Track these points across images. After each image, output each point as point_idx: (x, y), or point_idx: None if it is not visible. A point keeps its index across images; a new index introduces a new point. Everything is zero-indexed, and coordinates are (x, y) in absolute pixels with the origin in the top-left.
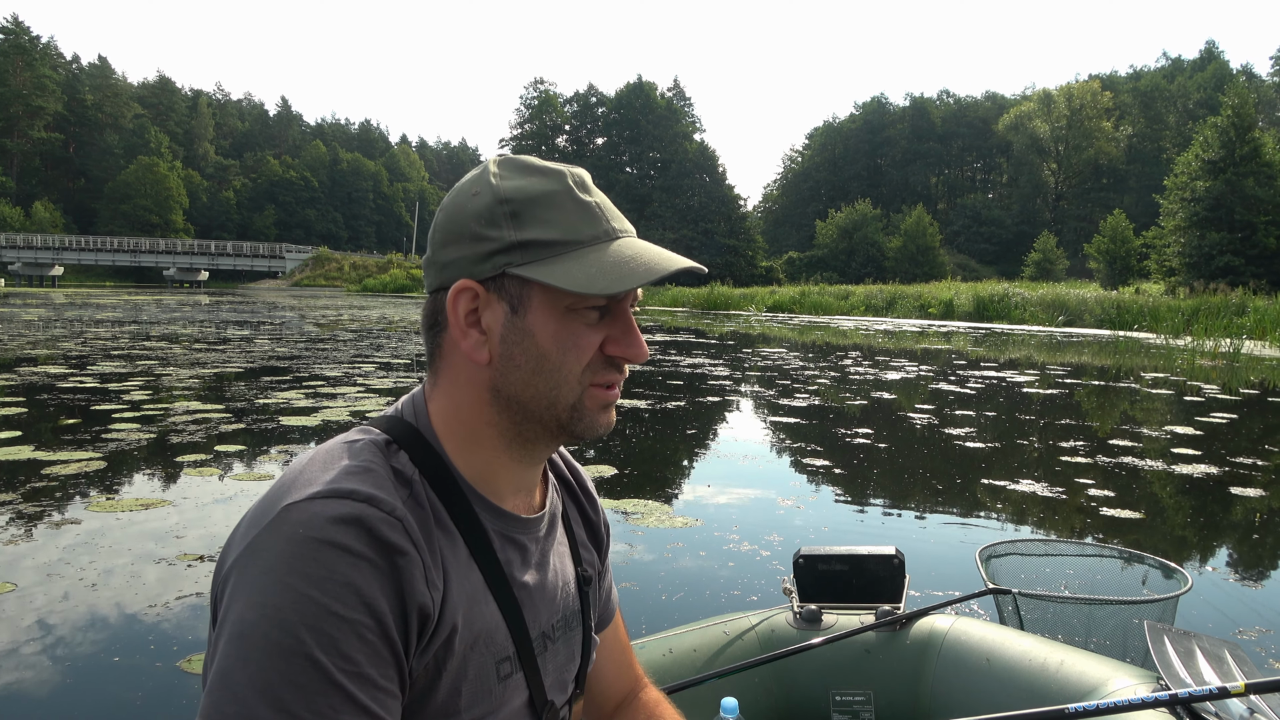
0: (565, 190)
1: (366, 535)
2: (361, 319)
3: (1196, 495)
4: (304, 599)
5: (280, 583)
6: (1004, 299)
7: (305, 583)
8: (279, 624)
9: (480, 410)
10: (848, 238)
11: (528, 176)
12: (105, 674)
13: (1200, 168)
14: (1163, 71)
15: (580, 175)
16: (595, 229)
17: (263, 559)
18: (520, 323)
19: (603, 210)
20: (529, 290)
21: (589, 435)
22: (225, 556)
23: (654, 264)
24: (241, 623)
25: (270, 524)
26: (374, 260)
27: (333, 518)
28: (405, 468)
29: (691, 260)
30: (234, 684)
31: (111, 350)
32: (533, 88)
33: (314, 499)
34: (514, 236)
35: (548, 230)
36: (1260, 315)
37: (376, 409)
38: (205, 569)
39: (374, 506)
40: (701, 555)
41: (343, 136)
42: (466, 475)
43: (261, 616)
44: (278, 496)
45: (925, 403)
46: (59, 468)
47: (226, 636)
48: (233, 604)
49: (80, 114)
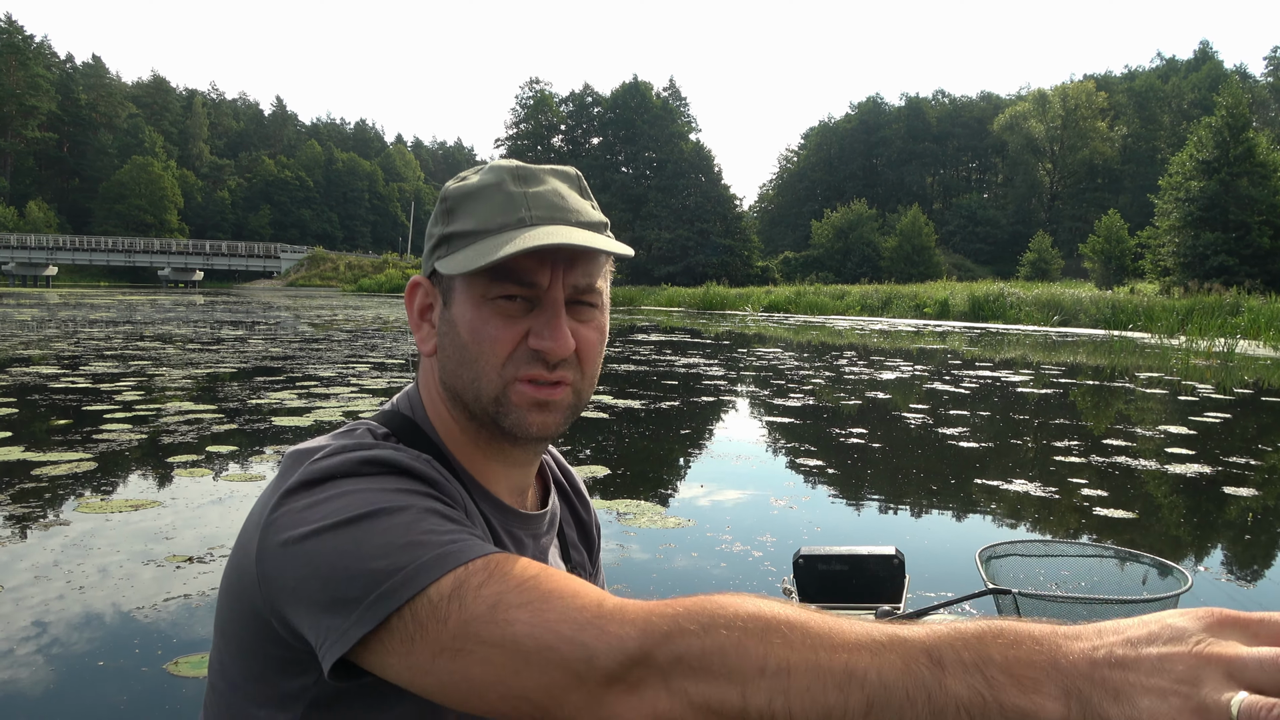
0: (497, 183)
1: (399, 466)
2: (356, 319)
3: (1190, 495)
4: (356, 495)
5: (326, 502)
6: (999, 299)
7: (353, 489)
8: (339, 518)
9: (443, 402)
10: (843, 238)
11: (480, 175)
12: (91, 676)
13: (1195, 168)
14: (1157, 72)
15: (526, 170)
16: (508, 217)
17: (300, 502)
18: (448, 314)
19: (530, 199)
20: (451, 282)
21: (520, 434)
22: (248, 543)
23: (536, 241)
24: (303, 547)
25: (296, 483)
26: (369, 260)
27: (361, 459)
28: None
29: (617, 245)
30: (328, 565)
31: (104, 350)
32: (528, 87)
33: (335, 453)
34: (442, 231)
35: (465, 222)
36: (1254, 315)
37: (370, 409)
38: (195, 570)
39: (398, 451)
40: (694, 556)
41: (338, 136)
42: (467, 468)
43: (320, 526)
44: (289, 469)
45: (920, 402)
46: (49, 468)
47: (300, 570)
48: (285, 556)
49: (74, 113)
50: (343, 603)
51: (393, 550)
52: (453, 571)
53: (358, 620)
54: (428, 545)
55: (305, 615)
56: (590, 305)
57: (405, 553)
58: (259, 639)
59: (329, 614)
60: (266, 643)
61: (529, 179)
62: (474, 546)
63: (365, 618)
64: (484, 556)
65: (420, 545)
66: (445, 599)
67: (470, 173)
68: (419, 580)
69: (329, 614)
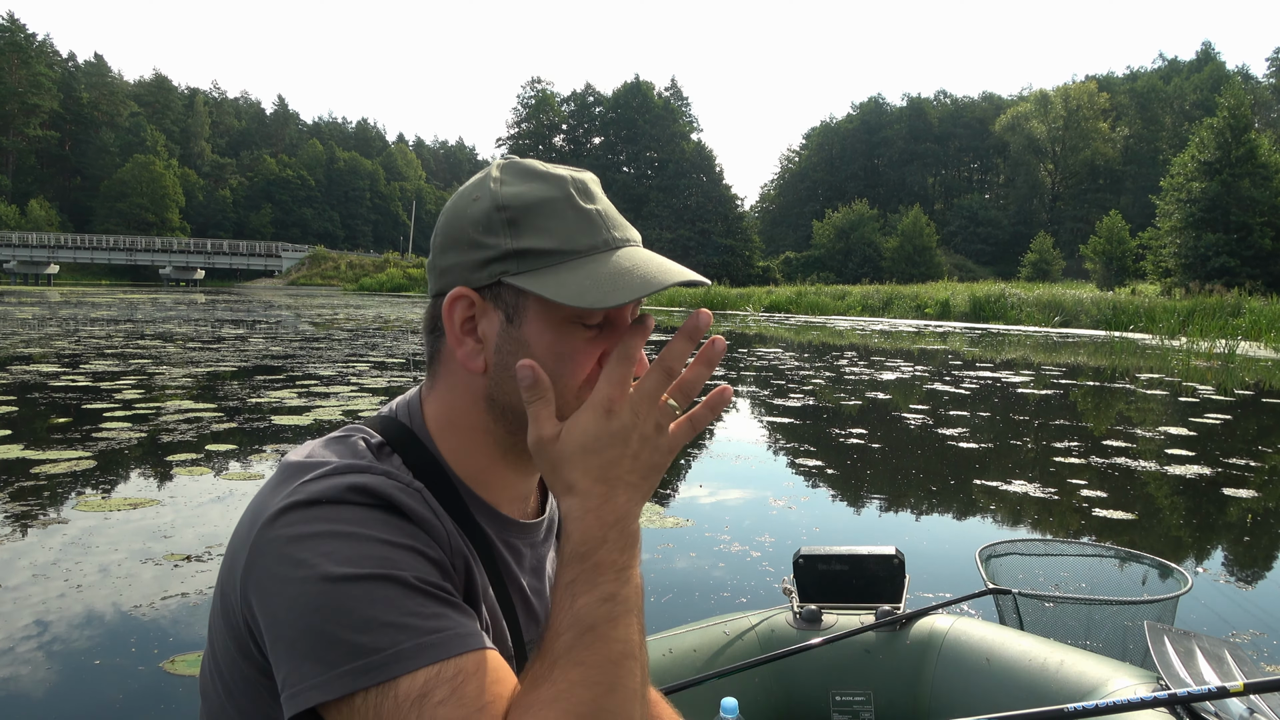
0: (565, 197)
1: (387, 500)
2: (357, 318)
3: (1191, 496)
4: (345, 540)
5: (314, 538)
6: (1000, 299)
7: (342, 529)
8: (329, 569)
9: (476, 417)
10: (845, 238)
11: (528, 182)
12: (89, 675)
13: (1196, 169)
14: (1159, 72)
15: (583, 181)
16: (594, 238)
17: (288, 530)
18: (516, 333)
19: (604, 218)
20: (525, 300)
21: None
22: (234, 562)
23: (651, 276)
24: (286, 589)
25: (283, 506)
26: (371, 259)
27: (350, 486)
28: (399, 471)
29: (693, 271)
30: (313, 632)
31: (105, 349)
32: (530, 87)
33: (326, 475)
34: (510, 245)
35: (545, 239)
36: (1256, 316)
37: (370, 408)
38: (193, 568)
39: (390, 478)
40: (692, 556)
41: (340, 135)
42: (463, 478)
43: (308, 573)
44: (280, 485)
45: (920, 403)
46: (49, 467)
47: (279, 611)
48: (268, 586)
49: (76, 112)
50: (315, 660)
51: (375, 627)
52: (425, 670)
53: (324, 685)
54: (410, 631)
55: (278, 651)
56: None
57: (386, 634)
58: (245, 651)
59: (300, 661)
60: (252, 655)
61: (587, 193)
62: (452, 641)
63: (333, 685)
64: (459, 657)
65: (403, 630)
66: (410, 701)
67: (510, 176)
68: (393, 669)
69: (300, 661)
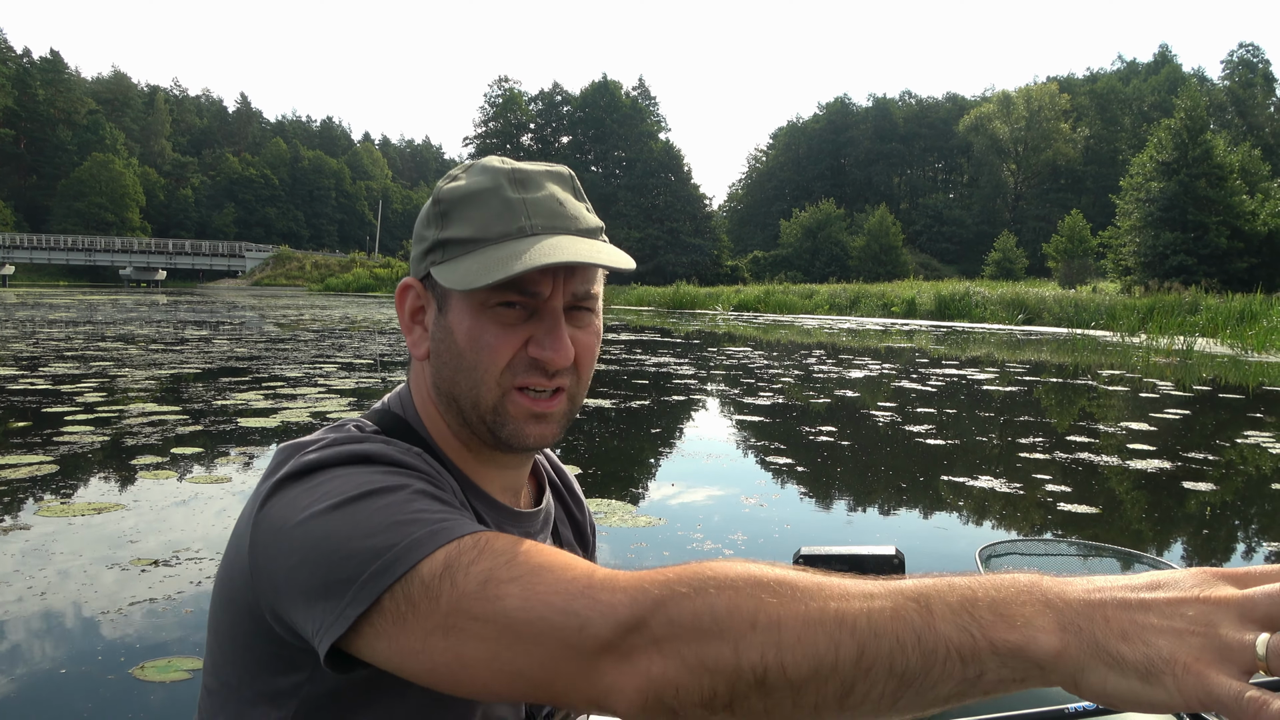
0: (495, 188)
1: (389, 459)
2: (323, 319)
3: (1152, 490)
4: (344, 479)
5: (312, 490)
6: (965, 298)
7: (340, 475)
8: (329, 502)
9: (435, 405)
10: (812, 237)
11: (474, 176)
12: (55, 684)
13: (1154, 169)
14: (1118, 74)
15: (525, 172)
16: (508, 225)
17: (287, 495)
18: (444, 320)
19: (529, 206)
20: (448, 288)
21: (517, 444)
22: (239, 543)
23: (543, 258)
24: (292, 536)
25: (281, 477)
26: (336, 259)
27: (349, 453)
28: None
29: (624, 256)
30: (318, 546)
31: (65, 351)
32: (497, 86)
33: (327, 446)
34: (437, 235)
35: (463, 228)
36: (1212, 314)
37: (338, 410)
38: (161, 573)
39: (389, 446)
40: (665, 555)
41: (304, 134)
42: (459, 466)
43: (307, 514)
44: (277, 466)
45: (888, 400)
46: (9, 471)
47: (290, 558)
48: (274, 545)
49: (31, 109)
50: (336, 584)
51: (384, 528)
52: (444, 547)
53: (352, 599)
54: (419, 523)
55: (299, 605)
56: (588, 310)
57: (397, 530)
58: (251, 636)
59: (323, 599)
60: (259, 639)
61: (526, 183)
62: (465, 524)
63: (360, 596)
64: (474, 534)
65: (412, 523)
66: (437, 577)
67: (461, 172)
68: (411, 556)
69: (323, 599)
